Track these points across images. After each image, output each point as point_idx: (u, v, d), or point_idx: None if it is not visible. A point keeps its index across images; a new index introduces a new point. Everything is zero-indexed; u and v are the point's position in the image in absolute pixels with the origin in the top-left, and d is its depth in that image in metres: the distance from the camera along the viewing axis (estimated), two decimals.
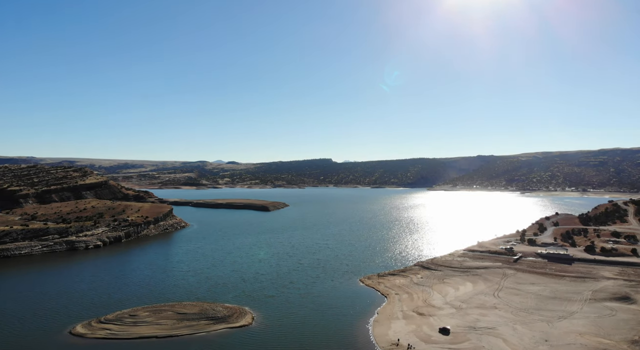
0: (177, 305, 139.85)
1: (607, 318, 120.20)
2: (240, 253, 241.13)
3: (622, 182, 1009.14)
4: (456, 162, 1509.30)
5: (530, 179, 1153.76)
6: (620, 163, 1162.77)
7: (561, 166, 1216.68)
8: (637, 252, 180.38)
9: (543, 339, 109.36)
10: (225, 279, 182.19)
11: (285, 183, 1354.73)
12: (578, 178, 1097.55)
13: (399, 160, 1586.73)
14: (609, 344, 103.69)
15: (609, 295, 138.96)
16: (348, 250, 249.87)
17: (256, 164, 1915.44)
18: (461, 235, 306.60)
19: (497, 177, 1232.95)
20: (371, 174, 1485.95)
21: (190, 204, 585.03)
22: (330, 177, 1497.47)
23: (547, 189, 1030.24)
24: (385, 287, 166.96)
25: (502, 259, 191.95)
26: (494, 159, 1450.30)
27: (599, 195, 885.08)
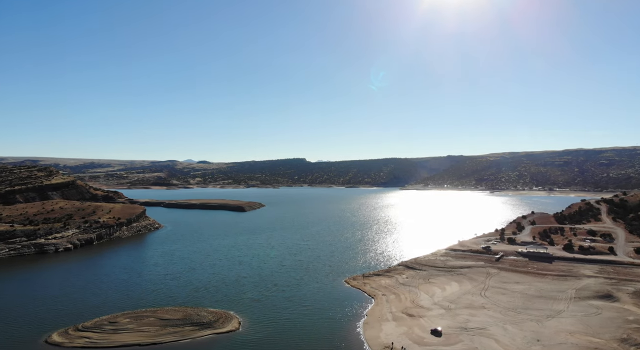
0: (159, 311, 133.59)
1: (594, 316, 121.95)
2: (219, 255, 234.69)
3: (586, 181, 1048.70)
4: (427, 162, 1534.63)
5: (499, 178, 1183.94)
6: (583, 163, 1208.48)
7: (528, 166, 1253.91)
8: (614, 250, 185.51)
9: (535, 339, 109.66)
10: (205, 283, 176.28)
11: (259, 183, 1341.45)
12: (544, 178, 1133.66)
13: (372, 160, 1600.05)
14: (599, 342, 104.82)
15: (593, 293, 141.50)
16: (329, 250, 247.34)
17: (228, 163, 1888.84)
18: (440, 234, 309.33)
19: (467, 177, 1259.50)
20: (345, 173, 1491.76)
21: (162, 205, 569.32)
22: (304, 177, 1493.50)
23: (515, 189, 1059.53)
24: (371, 287, 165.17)
25: (485, 258, 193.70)
26: (463, 159, 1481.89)
27: (565, 194, 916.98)
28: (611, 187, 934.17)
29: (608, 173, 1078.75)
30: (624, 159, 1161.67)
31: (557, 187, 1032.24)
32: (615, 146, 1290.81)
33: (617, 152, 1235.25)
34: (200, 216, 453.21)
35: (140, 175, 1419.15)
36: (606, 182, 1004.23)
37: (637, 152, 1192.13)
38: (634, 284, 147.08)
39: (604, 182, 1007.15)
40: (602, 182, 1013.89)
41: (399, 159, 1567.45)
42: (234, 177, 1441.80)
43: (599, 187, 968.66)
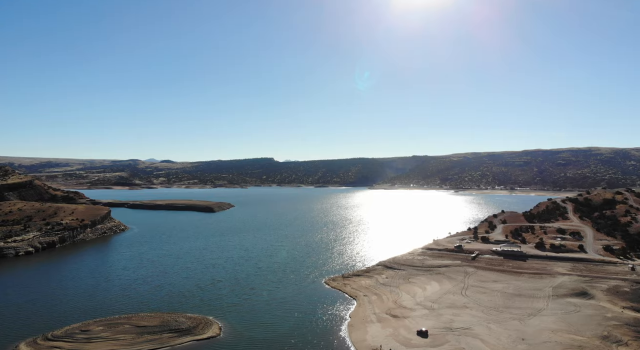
0: (134, 318, 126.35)
1: (574, 314, 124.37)
2: (191, 258, 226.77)
3: (545, 180, 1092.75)
4: (393, 162, 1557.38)
5: (463, 178, 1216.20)
6: (542, 163, 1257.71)
7: (490, 166, 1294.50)
8: (584, 248, 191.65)
9: (520, 338, 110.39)
10: (179, 287, 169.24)
11: (226, 183, 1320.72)
12: (505, 177, 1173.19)
13: (340, 159, 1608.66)
14: (582, 340, 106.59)
15: (568, 291, 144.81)
16: (305, 251, 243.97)
17: (193, 162, 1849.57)
18: (414, 233, 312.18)
19: (432, 177, 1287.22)
20: (314, 173, 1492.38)
21: (126, 206, 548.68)
22: (272, 177, 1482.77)
23: (479, 188, 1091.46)
24: (352, 288, 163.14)
25: (461, 256, 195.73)
26: (428, 159, 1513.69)
27: (526, 193, 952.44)
28: (569, 187, 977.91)
29: (565, 173, 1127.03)
30: (580, 159, 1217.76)
31: (518, 187, 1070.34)
32: (572, 147, 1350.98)
33: (573, 152, 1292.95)
34: (167, 217, 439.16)
35: (101, 175, 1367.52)
36: (564, 181, 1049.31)
37: (591, 153, 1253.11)
38: (607, 282, 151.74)
39: (561, 182, 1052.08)
40: (560, 181, 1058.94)
41: (366, 159, 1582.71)
42: (199, 177, 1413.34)
43: (558, 186, 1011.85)
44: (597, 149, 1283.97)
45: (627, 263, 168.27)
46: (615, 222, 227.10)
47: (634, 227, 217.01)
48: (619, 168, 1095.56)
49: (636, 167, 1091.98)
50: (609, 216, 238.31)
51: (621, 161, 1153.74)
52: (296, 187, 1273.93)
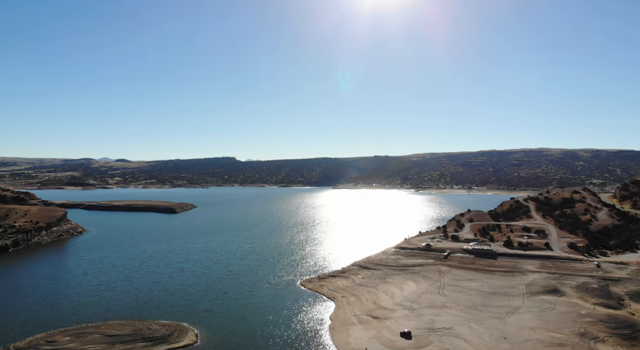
0: (103, 326, 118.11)
1: (550, 312, 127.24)
2: (156, 262, 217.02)
3: (500, 180, 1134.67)
4: (356, 162, 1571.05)
5: (422, 177, 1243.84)
6: (497, 163, 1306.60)
7: (447, 166, 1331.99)
8: (550, 245, 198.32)
9: (501, 337, 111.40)
10: (147, 293, 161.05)
11: (186, 183, 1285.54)
12: (463, 177, 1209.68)
13: (304, 159, 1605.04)
14: (561, 338, 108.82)
15: (541, 288, 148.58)
16: (277, 253, 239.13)
17: (150, 162, 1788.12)
18: (384, 232, 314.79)
19: (393, 176, 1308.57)
20: (277, 173, 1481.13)
21: (82, 206, 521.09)
22: (235, 176, 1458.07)
23: (438, 187, 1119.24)
24: (329, 290, 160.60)
25: (433, 255, 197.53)
26: (388, 159, 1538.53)
27: (483, 192, 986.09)
28: (523, 186, 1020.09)
29: (519, 172, 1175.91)
30: (532, 160, 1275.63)
31: (475, 186, 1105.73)
32: (524, 148, 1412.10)
33: (525, 153, 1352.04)
34: (126, 218, 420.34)
35: (52, 174, 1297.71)
36: (518, 181, 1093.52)
37: (543, 154, 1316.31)
38: (575, 278, 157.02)
39: (516, 181, 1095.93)
40: (515, 181, 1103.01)
41: (330, 159, 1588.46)
42: (157, 177, 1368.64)
43: (512, 185, 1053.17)
44: (548, 150, 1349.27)
45: (592, 260, 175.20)
46: (577, 220, 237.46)
47: (594, 225, 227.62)
48: (568, 168, 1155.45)
49: (584, 167, 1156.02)
50: (570, 214, 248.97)
51: (570, 161, 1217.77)
52: (260, 187, 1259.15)
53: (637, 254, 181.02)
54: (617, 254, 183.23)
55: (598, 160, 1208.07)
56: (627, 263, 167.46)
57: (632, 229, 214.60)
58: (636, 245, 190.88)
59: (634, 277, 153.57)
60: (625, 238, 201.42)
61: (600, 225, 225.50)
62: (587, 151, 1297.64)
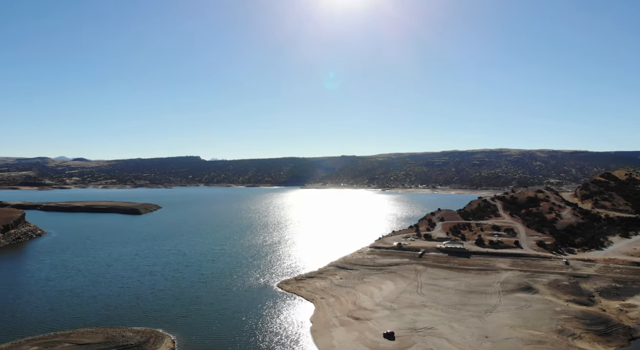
0: (73, 334, 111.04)
1: (526, 309, 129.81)
2: (123, 265, 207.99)
3: (463, 180, 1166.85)
4: (323, 161, 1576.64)
5: (388, 177, 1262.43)
6: (459, 163, 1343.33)
7: (412, 166, 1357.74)
8: (519, 243, 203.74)
9: (483, 336, 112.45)
10: (116, 299, 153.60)
11: (148, 182, 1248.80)
12: (427, 176, 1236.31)
13: (272, 159, 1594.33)
14: (540, 335, 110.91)
15: (515, 286, 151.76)
16: (249, 254, 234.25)
17: (110, 161, 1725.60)
18: (357, 232, 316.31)
19: (361, 176, 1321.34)
20: (244, 172, 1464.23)
21: (39, 208, 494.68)
22: (200, 176, 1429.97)
23: (404, 187, 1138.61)
24: (307, 291, 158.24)
25: (408, 254, 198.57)
26: (355, 159, 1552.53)
27: (446, 191, 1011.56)
28: (484, 185, 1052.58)
29: (480, 172, 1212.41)
30: (492, 160, 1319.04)
31: (439, 185, 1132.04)
32: (485, 148, 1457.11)
33: (486, 153, 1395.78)
34: (88, 220, 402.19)
35: (5, 174, 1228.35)
36: (479, 180, 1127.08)
37: (502, 154, 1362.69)
38: (547, 276, 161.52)
39: (477, 181, 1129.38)
40: (476, 180, 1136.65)
41: (297, 159, 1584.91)
42: (118, 177, 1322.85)
43: (474, 185, 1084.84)
44: (507, 150, 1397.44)
45: (560, 258, 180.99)
46: (543, 218, 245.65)
47: (560, 223, 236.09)
48: (526, 168, 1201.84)
49: (541, 167, 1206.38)
50: (536, 213, 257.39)
51: (528, 162, 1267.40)
52: (226, 187, 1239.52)
53: (602, 251, 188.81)
54: (583, 252, 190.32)
55: (554, 160, 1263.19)
56: (594, 260, 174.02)
57: (595, 227, 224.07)
58: (601, 242, 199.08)
59: (601, 274, 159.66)
60: (589, 236, 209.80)
61: (566, 224, 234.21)
62: (544, 152, 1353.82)
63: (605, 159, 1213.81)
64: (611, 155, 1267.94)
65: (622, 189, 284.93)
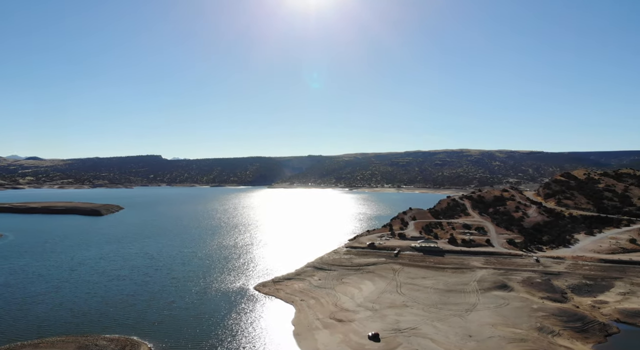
0: (42, 344, 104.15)
1: (505, 308, 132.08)
2: (88, 270, 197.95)
3: (426, 179, 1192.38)
4: (290, 161, 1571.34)
5: (355, 177, 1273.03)
6: (422, 163, 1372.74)
7: (377, 166, 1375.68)
8: (491, 242, 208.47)
9: (466, 335, 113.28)
10: (83, 305, 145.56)
11: (107, 182, 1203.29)
12: (392, 176, 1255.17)
13: (237, 158, 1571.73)
14: (522, 333, 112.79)
15: (491, 284, 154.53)
16: (221, 256, 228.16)
17: (67, 160, 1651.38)
18: (330, 231, 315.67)
19: (328, 176, 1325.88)
20: (208, 172, 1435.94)
21: None
22: (161, 176, 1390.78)
23: (370, 186, 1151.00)
24: (286, 293, 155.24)
25: (384, 254, 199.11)
26: (322, 159, 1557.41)
27: (411, 190, 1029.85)
28: (447, 184, 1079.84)
29: (442, 172, 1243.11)
30: (454, 160, 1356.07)
31: (404, 185, 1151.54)
32: (446, 149, 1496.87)
33: (447, 154, 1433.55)
34: (46, 222, 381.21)
35: None
36: (442, 180, 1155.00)
37: (463, 154, 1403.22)
38: (520, 273, 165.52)
39: (440, 180, 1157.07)
40: (439, 180, 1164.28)
41: (264, 158, 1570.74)
42: (75, 176, 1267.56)
43: (437, 184, 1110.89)
44: (468, 150, 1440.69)
45: (531, 255, 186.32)
46: (510, 217, 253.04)
47: (527, 221, 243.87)
48: (486, 168, 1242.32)
49: (500, 167, 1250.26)
50: (503, 212, 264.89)
51: (488, 162, 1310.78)
52: (190, 187, 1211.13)
53: (569, 248, 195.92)
54: (551, 249, 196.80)
55: (512, 160, 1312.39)
56: (563, 257, 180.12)
57: (560, 225, 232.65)
58: (567, 240, 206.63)
59: (571, 271, 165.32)
60: (556, 234, 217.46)
61: (533, 222, 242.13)
62: (502, 152, 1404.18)
63: (560, 159, 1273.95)
64: (565, 156, 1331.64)
65: (582, 188, 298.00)
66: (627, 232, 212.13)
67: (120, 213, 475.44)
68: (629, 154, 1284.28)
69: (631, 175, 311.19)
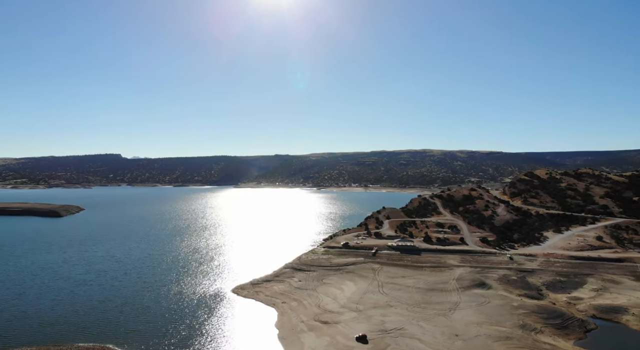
0: None
1: (487, 306, 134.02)
2: (52, 275, 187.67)
3: (392, 178, 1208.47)
4: (257, 160, 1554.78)
5: (323, 176, 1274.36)
6: (388, 163, 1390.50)
7: (345, 165, 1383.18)
8: (465, 240, 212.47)
9: (453, 334, 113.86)
10: (50, 312, 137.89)
11: (64, 182, 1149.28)
12: (359, 175, 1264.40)
13: (201, 157, 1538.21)
14: (506, 331, 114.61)
15: (470, 282, 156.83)
16: (194, 259, 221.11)
17: (19, 159, 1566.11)
18: (305, 231, 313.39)
19: (295, 175, 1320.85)
20: (171, 171, 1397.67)
21: None
22: (121, 175, 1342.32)
23: (338, 185, 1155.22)
24: (266, 296, 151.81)
25: (362, 253, 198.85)
26: (290, 158, 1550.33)
27: (378, 190, 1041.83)
28: (412, 184, 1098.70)
29: (407, 172, 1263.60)
30: (418, 160, 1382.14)
31: (370, 184, 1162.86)
32: (410, 149, 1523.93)
33: (411, 154, 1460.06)
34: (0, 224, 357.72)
35: None
36: (407, 179, 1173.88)
37: (426, 154, 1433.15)
38: (496, 271, 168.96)
39: (405, 179, 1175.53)
40: (404, 179, 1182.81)
41: (229, 157, 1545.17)
42: (29, 176, 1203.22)
43: (403, 183, 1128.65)
44: (431, 150, 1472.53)
45: (504, 253, 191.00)
46: (481, 215, 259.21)
47: (497, 219, 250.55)
48: (449, 168, 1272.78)
49: (462, 166, 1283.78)
50: (474, 210, 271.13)
51: (450, 162, 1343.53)
52: (152, 187, 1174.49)
53: (540, 246, 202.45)
54: (523, 247, 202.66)
55: (473, 160, 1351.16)
56: (535, 255, 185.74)
57: (528, 223, 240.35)
58: (537, 238, 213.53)
59: (544, 268, 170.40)
60: (525, 232, 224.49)
61: (503, 220, 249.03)
62: (463, 152, 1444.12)
63: (518, 160, 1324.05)
64: (523, 156, 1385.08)
65: (545, 187, 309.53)
66: (592, 229, 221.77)
67: (80, 214, 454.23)
68: (582, 155, 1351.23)
69: (590, 175, 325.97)
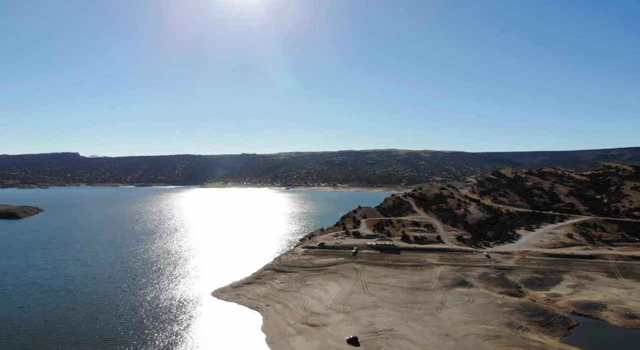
0: None
1: (472, 305, 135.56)
2: (15, 281, 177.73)
3: (360, 178, 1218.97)
4: (222, 159, 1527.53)
5: (291, 176, 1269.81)
6: (355, 162, 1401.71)
7: (313, 165, 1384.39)
8: (441, 239, 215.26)
9: (443, 334, 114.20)
10: (17, 321, 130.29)
11: (19, 182, 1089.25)
12: (327, 175, 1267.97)
13: (164, 156, 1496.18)
14: (494, 330, 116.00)
15: (452, 281, 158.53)
16: (168, 262, 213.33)
17: None
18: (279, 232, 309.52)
19: (263, 174, 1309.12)
20: (133, 171, 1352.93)
21: None
22: (80, 175, 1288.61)
23: (306, 185, 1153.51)
24: (248, 299, 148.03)
25: (342, 253, 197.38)
26: (257, 157, 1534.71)
27: (346, 189, 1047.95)
28: (379, 183, 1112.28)
29: (374, 171, 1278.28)
30: (384, 160, 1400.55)
31: (339, 183, 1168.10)
32: (376, 148, 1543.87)
33: (378, 153, 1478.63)
34: None
35: None
36: (374, 178, 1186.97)
37: (392, 154, 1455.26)
38: (475, 269, 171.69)
39: (372, 179, 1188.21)
40: (372, 178, 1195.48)
41: (194, 156, 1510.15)
42: None
43: (370, 182, 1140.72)
44: (396, 150, 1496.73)
45: (480, 251, 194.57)
46: (454, 214, 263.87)
47: (470, 218, 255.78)
48: (413, 167, 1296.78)
49: (426, 166, 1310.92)
50: (446, 209, 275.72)
51: (414, 161, 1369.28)
52: (113, 187, 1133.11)
53: (514, 244, 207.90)
54: (497, 245, 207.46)
55: (437, 160, 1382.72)
56: (510, 253, 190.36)
57: (501, 221, 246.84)
58: (510, 236, 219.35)
59: (521, 266, 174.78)
60: (498, 230, 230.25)
61: (476, 219, 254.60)
62: (427, 152, 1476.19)
63: (479, 159, 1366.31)
64: (484, 156, 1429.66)
65: (512, 186, 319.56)
66: (562, 227, 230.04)
67: (40, 215, 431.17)
68: (539, 154, 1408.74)
69: (553, 174, 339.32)
